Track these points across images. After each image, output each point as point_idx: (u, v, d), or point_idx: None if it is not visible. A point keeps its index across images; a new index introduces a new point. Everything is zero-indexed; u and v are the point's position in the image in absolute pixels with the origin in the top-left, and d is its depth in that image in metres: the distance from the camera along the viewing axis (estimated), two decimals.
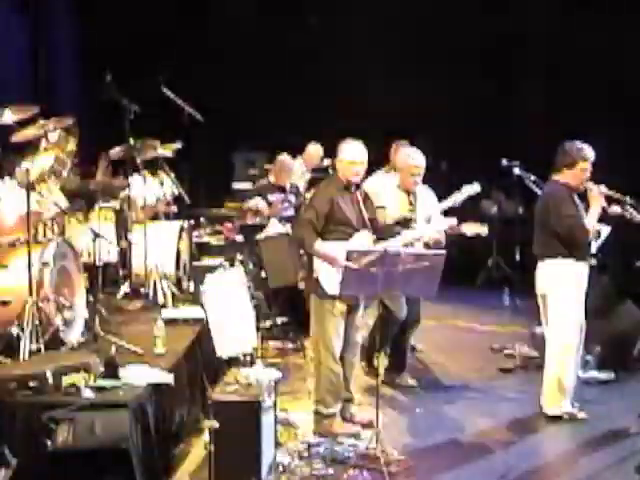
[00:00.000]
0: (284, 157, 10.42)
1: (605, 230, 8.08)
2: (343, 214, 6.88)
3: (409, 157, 7.93)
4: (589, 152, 7.29)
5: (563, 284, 7.26)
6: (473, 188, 8.81)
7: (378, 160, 9.05)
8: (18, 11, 10.95)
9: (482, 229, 7.71)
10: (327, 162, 10.84)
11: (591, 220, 7.24)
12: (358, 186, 6.99)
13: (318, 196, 7.12)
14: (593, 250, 7.57)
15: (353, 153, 6.96)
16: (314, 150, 11.27)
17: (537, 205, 7.53)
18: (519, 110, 12.51)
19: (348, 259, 6.29)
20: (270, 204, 10.05)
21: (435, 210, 7.95)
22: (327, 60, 12.75)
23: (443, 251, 6.48)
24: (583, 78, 11.82)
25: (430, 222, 7.76)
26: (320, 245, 6.82)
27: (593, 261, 7.66)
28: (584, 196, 7.33)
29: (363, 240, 6.83)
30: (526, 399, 7.76)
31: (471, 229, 7.70)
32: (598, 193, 7.28)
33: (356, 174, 6.93)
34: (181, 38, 12.72)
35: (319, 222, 6.88)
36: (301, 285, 8.98)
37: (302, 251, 7.63)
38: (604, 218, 7.84)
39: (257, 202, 10.03)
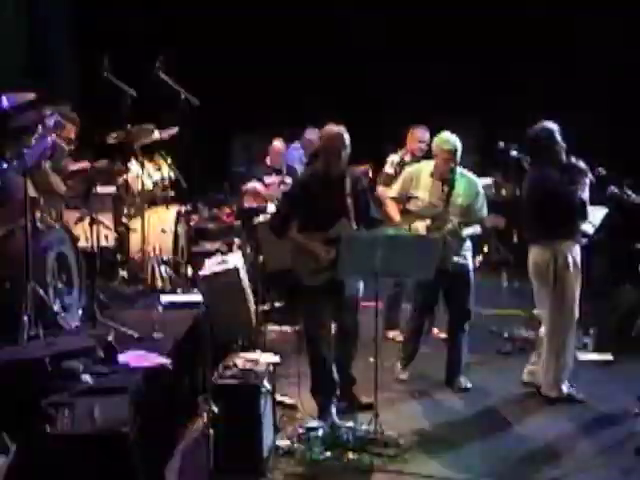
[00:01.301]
0: (277, 140, 10.48)
1: (602, 212, 8.09)
2: (317, 203, 6.78)
3: (444, 141, 7.61)
4: (557, 129, 7.33)
5: (560, 266, 7.26)
6: (485, 181, 8.78)
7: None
8: None
9: (500, 221, 7.63)
10: None
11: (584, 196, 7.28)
12: (344, 174, 6.85)
13: (292, 185, 7.12)
14: (590, 231, 7.59)
15: (333, 138, 6.83)
16: (313, 135, 11.23)
17: (527, 193, 7.48)
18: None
19: (345, 243, 6.28)
20: (267, 186, 10.06)
21: (479, 199, 7.66)
22: (327, 45, 12.70)
23: (439, 234, 6.48)
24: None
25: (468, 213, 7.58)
26: (295, 235, 6.84)
27: (584, 240, 7.67)
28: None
29: (342, 229, 6.73)
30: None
31: (491, 221, 7.68)
32: (584, 169, 7.34)
33: (335, 159, 6.80)
34: (179, 23, 12.68)
35: (290, 210, 6.88)
36: None
37: None
38: (602, 200, 7.86)
39: (254, 184, 10.04)
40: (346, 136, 6.82)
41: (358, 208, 6.85)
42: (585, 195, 7.26)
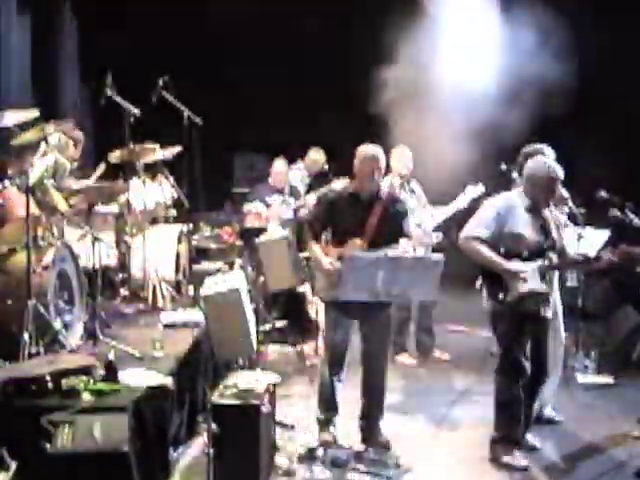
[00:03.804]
0: (279, 160, 10.50)
1: (604, 235, 8.10)
2: (341, 219, 6.73)
3: (550, 168, 6.56)
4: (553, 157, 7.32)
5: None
6: (477, 189, 8.70)
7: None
8: (18, 14, 10.96)
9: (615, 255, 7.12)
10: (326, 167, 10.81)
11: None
12: (376, 195, 6.71)
13: (320, 197, 7.11)
14: (593, 254, 7.58)
15: (366, 159, 6.68)
16: (316, 155, 11.22)
17: None
18: None
19: (347, 263, 6.27)
20: (268, 206, 10.07)
21: (571, 239, 6.85)
22: (328, 63, 12.73)
23: (441, 255, 6.46)
24: None
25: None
26: (314, 247, 6.80)
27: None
28: None
29: (350, 248, 6.61)
30: None
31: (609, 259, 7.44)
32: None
33: (364, 179, 6.70)
34: (181, 40, 12.71)
35: (317, 223, 6.85)
36: (300, 289, 8.99)
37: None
38: (604, 223, 7.86)
39: (255, 205, 10.05)
40: (381, 157, 6.70)
41: (388, 230, 6.70)
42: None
